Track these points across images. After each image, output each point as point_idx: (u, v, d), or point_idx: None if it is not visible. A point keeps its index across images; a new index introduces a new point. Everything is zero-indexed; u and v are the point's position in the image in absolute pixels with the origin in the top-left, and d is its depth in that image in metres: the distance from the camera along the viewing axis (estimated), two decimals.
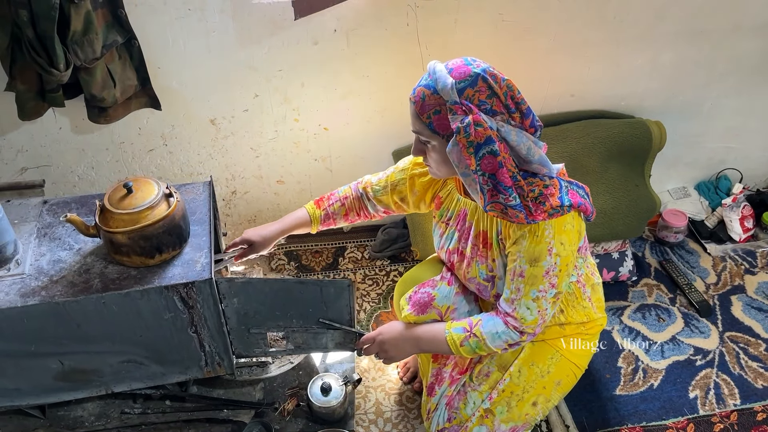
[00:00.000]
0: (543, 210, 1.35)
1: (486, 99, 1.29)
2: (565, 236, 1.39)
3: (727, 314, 2.15)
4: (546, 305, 1.44)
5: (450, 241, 1.60)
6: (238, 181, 2.19)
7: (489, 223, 1.47)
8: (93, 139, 1.99)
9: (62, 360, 1.56)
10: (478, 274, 1.53)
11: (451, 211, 1.58)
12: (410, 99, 1.35)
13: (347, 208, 1.74)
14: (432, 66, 1.33)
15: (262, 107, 2.00)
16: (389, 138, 2.17)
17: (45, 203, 1.70)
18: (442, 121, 1.31)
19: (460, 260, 1.58)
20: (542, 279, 1.40)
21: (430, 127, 1.33)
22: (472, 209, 1.51)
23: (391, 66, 1.99)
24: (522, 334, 1.47)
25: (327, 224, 1.75)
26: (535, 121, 1.35)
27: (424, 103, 1.32)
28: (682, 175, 2.54)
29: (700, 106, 2.30)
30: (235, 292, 1.55)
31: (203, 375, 1.70)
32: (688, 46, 2.12)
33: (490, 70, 1.30)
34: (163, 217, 1.46)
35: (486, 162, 1.29)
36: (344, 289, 1.54)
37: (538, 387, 1.65)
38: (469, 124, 1.26)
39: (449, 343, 1.51)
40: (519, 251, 1.40)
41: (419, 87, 1.34)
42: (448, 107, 1.28)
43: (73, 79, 1.71)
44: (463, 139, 1.27)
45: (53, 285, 1.46)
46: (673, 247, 2.40)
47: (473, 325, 1.50)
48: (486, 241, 1.49)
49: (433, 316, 1.61)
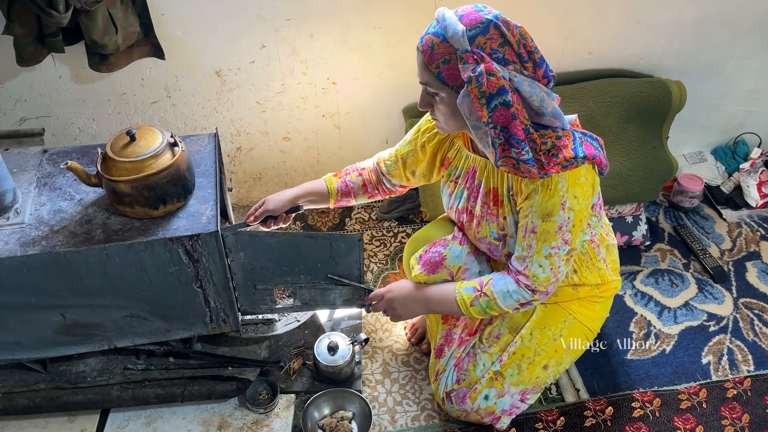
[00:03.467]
0: (556, 162, 1.29)
1: (498, 47, 1.23)
2: (579, 189, 1.34)
3: (741, 280, 2.11)
4: (559, 262, 1.39)
5: (459, 200, 1.55)
6: (243, 137, 2.13)
7: (499, 179, 1.42)
8: (94, 90, 1.93)
9: (64, 313, 1.52)
10: (488, 233, 1.49)
11: (459, 169, 1.53)
12: (417, 48, 1.28)
13: (365, 180, 1.69)
14: (441, 12, 1.26)
15: (269, 59, 1.93)
16: (399, 94, 2.10)
17: (45, 152, 1.65)
18: (452, 70, 1.25)
19: (469, 220, 1.53)
20: (555, 235, 1.36)
21: (439, 77, 1.27)
22: (481, 165, 1.46)
23: (404, 17, 1.91)
24: (534, 293, 1.42)
25: (346, 197, 1.69)
26: (548, 71, 1.29)
27: (432, 52, 1.25)
28: (699, 140, 2.47)
29: (721, 67, 2.22)
30: (242, 246, 1.50)
31: (208, 332, 1.67)
32: (712, 3, 2.03)
33: (501, 17, 1.24)
34: (167, 166, 1.41)
35: (498, 114, 1.24)
36: (354, 244, 1.49)
37: (549, 350, 1.62)
38: (481, 74, 1.20)
39: (459, 303, 1.48)
40: (531, 206, 1.35)
41: (427, 35, 1.27)
42: (459, 56, 1.22)
43: (73, 24, 1.64)
44: (475, 90, 1.22)
45: (54, 235, 1.42)
46: (688, 213, 2.35)
47: (484, 285, 1.46)
48: (496, 199, 1.44)
49: (444, 276, 1.56)
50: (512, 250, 1.47)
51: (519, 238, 1.41)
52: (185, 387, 1.74)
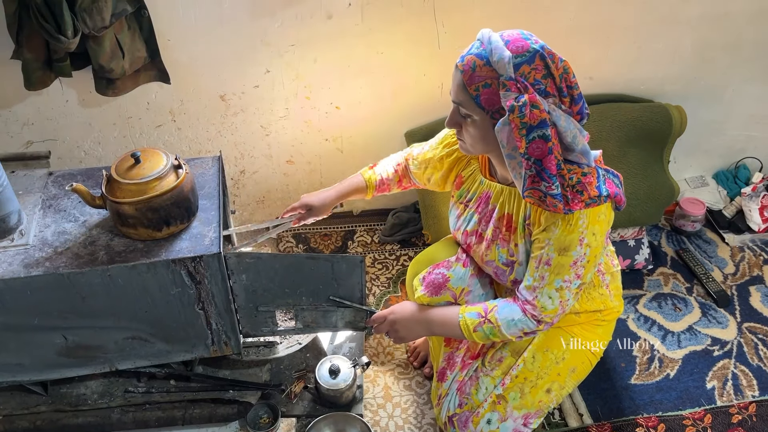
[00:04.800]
0: (581, 200, 1.28)
1: (541, 79, 1.21)
2: (597, 226, 1.33)
3: (745, 305, 2.10)
4: (568, 295, 1.38)
5: (468, 222, 1.55)
6: (247, 160, 2.15)
7: (516, 207, 1.42)
8: (100, 114, 1.95)
9: (66, 335, 1.52)
10: (497, 258, 1.48)
11: (471, 193, 1.53)
12: (457, 67, 1.26)
13: (400, 175, 1.72)
14: (486, 35, 1.24)
15: (273, 83, 1.96)
16: (402, 119, 2.12)
17: (50, 175, 1.66)
18: (491, 95, 1.23)
19: (478, 242, 1.53)
20: (569, 269, 1.35)
21: (476, 100, 1.25)
22: (497, 191, 1.45)
23: (406, 44, 1.94)
24: (539, 323, 1.42)
25: (381, 190, 1.74)
26: (583, 108, 1.28)
27: (473, 74, 1.23)
28: (701, 164, 2.48)
29: (722, 92, 2.24)
30: (244, 268, 1.51)
31: (209, 354, 1.66)
32: (711, 30, 2.06)
33: (547, 48, 1.22)
34: (171, 188, 1.42)
35: (535, 146, 1.22)
36: (356, 266, 1.49)
37: (552, 373, 1.60)
38: (525, 104, 1.19)
39: (462, 327, 1.47)
40: (548, 238, 1.34)
41: (470, 55, 1.24)
42: (502, 82, 1.20)
43: (81, 49, 1.67)
44: (517, 119, 1.20)
45: (58, 256, 1.43)
46: (690, 237, 2.35)
47: (488, 311, 1.45)
48: (510, 225, 1.43)
49: (447, 298, 1.56)
50: (519, 276, 1.46)
51: (531, 267, 1.40)
52: (186, 410, 1.73)
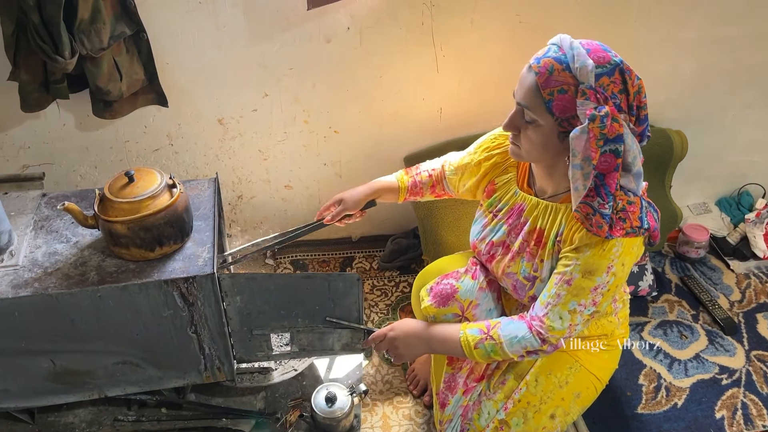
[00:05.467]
0: (622, 227, 1.25)
1: (618, 93, 1.19)
2: (628, 258, 1.30)
3: (753, 332, 2.05)
4: (579, 320, 1.34)
5: (495, 233, 1.50)
6: (244, 184, 2.13)
7: (550, 223, 1.38)
8: (97, 137, 1.94)
9: (54, 359, 1.48)
10: (520, 271, 1.44)
11: (503, 204, 1.49)
12: (531, 68, 1.22)
13: (434, 180, 1.69)
14: (567, 40, 1.21)
15: (271, 107, 1.95)
16: (401, 143, 2.11)
17: (44, 196, 1.64)
18: (565, 102, 1.20)
19: (503, 253, 1.48)
20: (588, 293, 1.31)
21: (548, 105, 1.21)
22: (531, 204, 1.42)
23: (405, 67, 1.93)
24: (543, 343, 1.37)
25: (413, 194, 1.71)
26: (646, 130, 1.26)
27: (550, 77, 1.19)
28: (703, 190, 2.46)
29: (722, 118, 2.23)
30: (239, 289, 1.47)
31: (202, 380, 1.62)
32: (710, 54, 2.06)
33: (626, 63, 1.20)
34: (165, 207, 1.40)
35: (604, 160, 1.19)
36: (353, 284, 1.46)
37: (556, 398, 1.55)
38: (606, 115, 1.15)
39: (462, 344, 1.41)
40: (577, 258, 1.30)
41: (547, 58, 1.21)
42: (582, 90, 1.17)
43: (78, 71, 1.66)
44: (597, 129, 1.16)
45: (47, 277, 1.39)
46: (695, 263, 2.31)
47: (491, 327, 1.40)
48: (540, 240, 1.39)
49: (454, 310, 1.52)
50: (538, 293, 1.41)
51: (550, 283, 1.36)
52: None
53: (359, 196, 1.67)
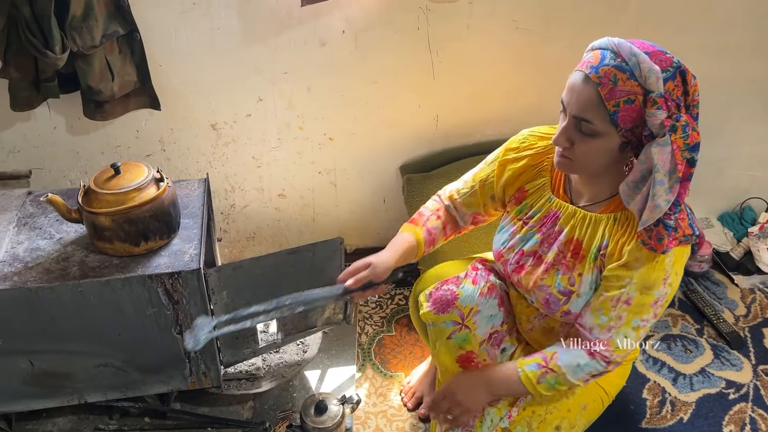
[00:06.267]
0: (675, 237, 1.18)
1: (681, 96, 1.12)
2: (680, 266, 1.24)
3: (759, 347, 1.98)
4: (643, 334, 1.29)
5: (526, 242, 1.40)
6: (237, 193, 2.09)
7: (589, 233, 1.30)
8: (88, 141, 1.91)
9: (33, 360, 1.43)
10: (554, 284, 1.34)
11: (534, 210, 1.39)
12: (590, 79, 1.13)
13: (444, 222, 1.52)
14: (625, 45, 1.12)
15: (265, 112, 1.92)
16: (397, 151, 2.08)
17: (29, 194, 1.61)
18: (631, 113, 1.12)
19: (535, 264, 1.38)
20: (649, 308, 1.25)
21: (613, 116, 1.12)
22: (568, 212, 1.33)
23: (401, 74, 1.92)
24: (609, 364, 1.31)
25: (429, 245, 1.51)
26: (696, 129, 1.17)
27: (615, 88, 1.11)
28: (705, 205, 2.42)
29: (721, 129, 2.21)
30: (225, 283, 1.43)
31: (187, 386, 1.56)
32: (708, 63, 2.04)
33: (683, 63, 1.13)
34: (150, 199, 1.36)
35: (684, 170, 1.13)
36: (336, 247, 1.42)
37: (562, 409, 1.48)
38: (687, 124, 1.09)
39: (524, 381, 1.34)
40: (630, 277, 1.23)
41: (606, 66, 1.12)
42: (653, 99, 1.09)
43: (70, 70, 1.64)
44: (680, 140, 1.10)
45: (27, 271, 1.35)
46: (698, 278, 2.25)
47: (548, 359, 1.34)
48: (577, 252, 1.31)
49: (454, 317, 1.44)
50: (573, 309, 1.33)
51: (605, 307, 1.27)
52: None
53: (390, 262, 1.41)
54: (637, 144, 1.17)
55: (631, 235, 1.23)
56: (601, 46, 1.16)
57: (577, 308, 1.33)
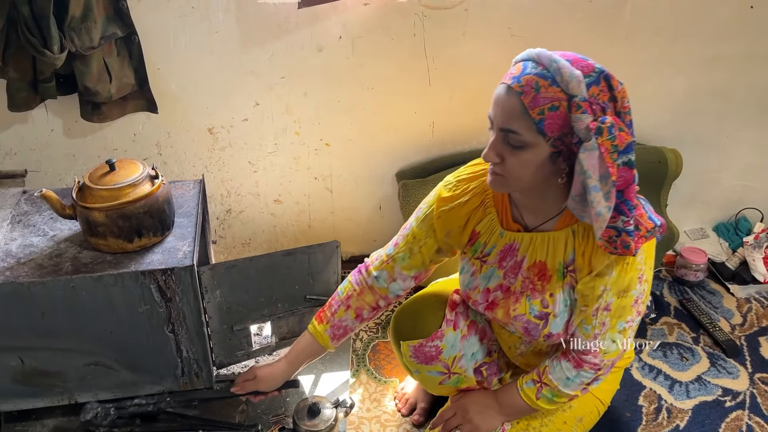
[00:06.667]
0: (639, 235, 1.16)
1: (608, 101, 1.09)
2: (650, 260, 1.24)
3: (756, 355, 1.97)
4: (630, 334, 1.29)
5: (488, 280, 1.37)
6: (233, 198, 2.09)
7: (550, 253, 1.28)
8: (85, 144, 1.91)
9: (23, 357, 1.42)
10: (528, 311, 1.32)
11: (489, 247, 1.35)
12: (512, 89, 1.11)
13: (356, 310, 1.48)
14: (545, 53, 1.11)
15: (262, 117, 1.93)
16: (392, 157, 2.08)
17: (24, 193, 1.61)
18: (557, 119, 1.09)
19: (505, 297, 1.35)
20: (631, 309, 1.25)
21: (539, 125, 1.10)
22: (524, 241, 1.30)
23: (397, 80, 1.93)
24: (599, 370, 1.32)
25: (342, 335, 1.50)
26: (632, 135, 1.14)
27: (537, 96, 1.08)
28: (700, 216, 2.42)
29: (716, 139, 2.22)
30: (219, 282, 1.42)
31: (179, 387, 1.54)
32: (702, 73, 2.06)
33: (607, 70, 1.11)
34: (145, 195, 1.37)
35: (620, 173, 1.09)
36: (333, 252, 1.42)
37: (557, 421, 1.48)
38: (613, 125, 1.06)
39: (525, 399, 1.38)
40: (604, 284, 1.22)
41: (527, 75, 1.10)
42: (576, 103, 1.07)
43: (68, 71, 1.66)
44: (607, 143, 1.06)
45: (19, 266, 1.35)
46: (693, 287, 2.25)
47: (541, 374, 1.36)
48: (543, 273, 1.29)
49: (439, 368, 1.46)
50: (554, 330, 1.32)
51: (587, 317, 1.27)
52: None
53: (276, 379, 1.50)
54: (569, 153, 1.14)
55: (596, 244, 1.20)
56: (523, 57, 1.14)
57: (558, 329, 1.32)
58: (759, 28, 2.00)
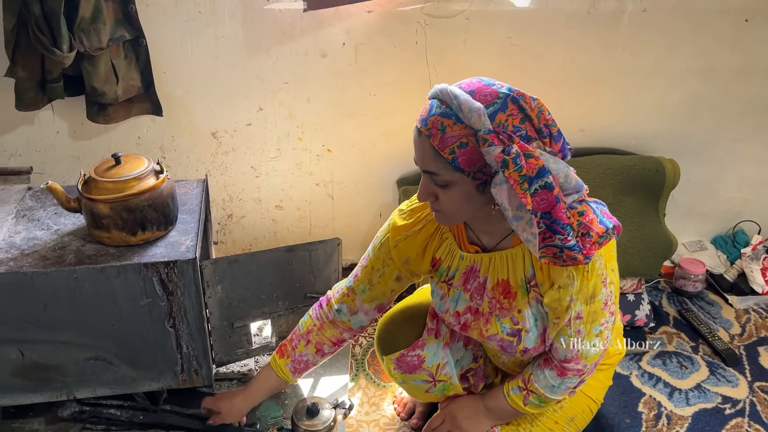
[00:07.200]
0: (591, 242, 1.14)
1: (519, 124, 1.08)
2: (613, 262, 1.24)
3: (755, 364, 1.97)
4: (608, 334, 1.31)
5: (456, 303, 1.37)
6: (235, 203, 2.11)
7: (510, 270, 1.28)
8: (90, 147, 1.93)
9: (23, 350, 1.42)
10: (499, 330, 1.32)
11: (452, 271, 1.35)
12: (421, 131, 1.11)
13: (317, 345, 1.49)
14: (444, 89, 1.10)
15: (266, 122, 1.96)
16: (394, 164, 2.10)
17: (29, 189, 1.63)
18: (470, 155, 1.08)
19: (475, 319, 1.36)
20: (602, 312, 1.26)
21: (454, 164, 1.09)
22: (484, 263, 1.30)
23: (399, 86, 1.96)
24: (581, 374, 1.33)
25: (305, 370, 1.52)
26: (565, 145, 1.14)
27: (444, 136, 1.08)
28: (698, 228, 2.44)
29: (713, 151, 2.25)
30: (221, 276, 1.43)
31: (178, 384, 1.54)
32: (699, 84, 2.10)
33: (515, 90, 1.10)
34: (149, 188, 1.38)
35: (539, 198, 1.07)
36: (334, 249, 1.43)
37: (548, 422, 1.48)
38: (518, 155, 1.04)
39: (512, 405, 1.39)
40: (569, 295, 1.22)
41: (433, 116, 1.09)
42: (481, 137, 1.05)
43: (76, 72, 1.68)
44: (515, 174, 1.05)
45: (23, 257, 1.36)
46: (692, 298, 2.25)
47: (527, 382, 1.38)
48: (507, 291, 1.29)
49: (423, 377, 1.47)
50: (528, 344, 1.32)
51: (563, 329, 1.27)
52: None
53: (236, 412, 1.54)
54: None
55: None
56: (430, 95, 1.14)
57: (532, 343, 1.32)
58: (754, 41, 2.04)
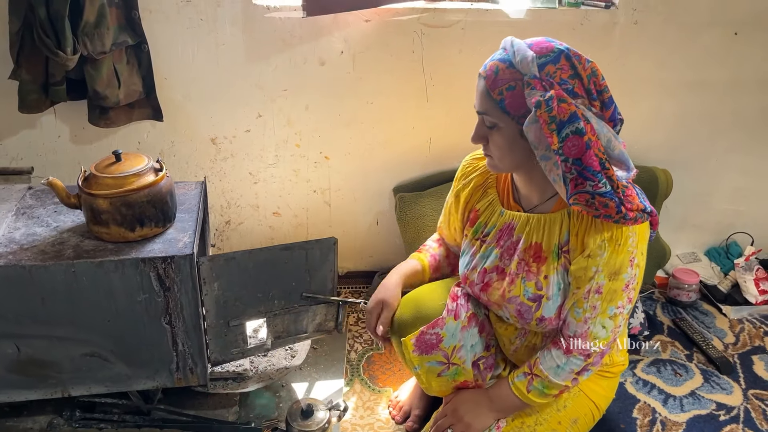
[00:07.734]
0: (632, 209, 1.19)
1: (568, 78, 1.18)
2: (644, 245, 1.27)
3: (749, 372, 1.98)
4: (621, 321, 1.31)
5: (486, 259, 1.43)
6: (233, 209, 2.13)
7: (546, 235, 1.33)
8: (90, 152, 1.96)
9: (19, 345, 1.42)
10: (522, 293, 1.36)
11: (489, 227, 1.43)
12: (480, 74, 1.24)
13: (446, 250, 1.64)
14: (509, 40, 1.23)
15: (264, 129, 1.99)
16: (390, 172, 2.13)
17: (30, 189, 1.65)
18: (516, 98, 1.19)
19: (500, 278, 1.40)
20: (621, 294, 1.27)
21: (501, 105, 1.20)
22: (522, 221, 1.36)
23: (396, 95, 2.00)
24: (588, 357, 1.33)
25: (435, 272, 1.62)
26: (616, 113, 1.23)
27: (496, 78, 1.20)
28: (691, 240, 2.46)
29: (706, 162, 2.27)
30: (217, 274, 1.44)
31: (173, 383, 1.54)
32: (691, 96, 2.13)
33: (573, 50, 1.20)
34: (149, 184, 1.40)
35: (570, 144, 1.14)
36: (330, 249, 1.44)
37: (552, 421, 1.48)
38: (551, 98, 1.13)
39: (516, 393, 1.40)
40: (596, 265, 1.25)
41: (492, 61, 1.22)
42: (526, 81, 1.16)
43: (78, 75, 1.72)
44: (545, 114, 1.13)
45: (22, 251, 1.37)
46: (687, 308, 2.26)
47: (532, 366, 1.39)
48: (539, 255, 1.34)
49: (438, 357, 1.47)
50: (546, 313, 1.35)
51: (578, 299, 1.30)
52: None
53: (396, 290, 1.53)
54: None
55: (590, 224, 1.26)
56: (501, 45, 1.26)
57: (550, 312, 1.35)
58: (743, 55, 2.08)
